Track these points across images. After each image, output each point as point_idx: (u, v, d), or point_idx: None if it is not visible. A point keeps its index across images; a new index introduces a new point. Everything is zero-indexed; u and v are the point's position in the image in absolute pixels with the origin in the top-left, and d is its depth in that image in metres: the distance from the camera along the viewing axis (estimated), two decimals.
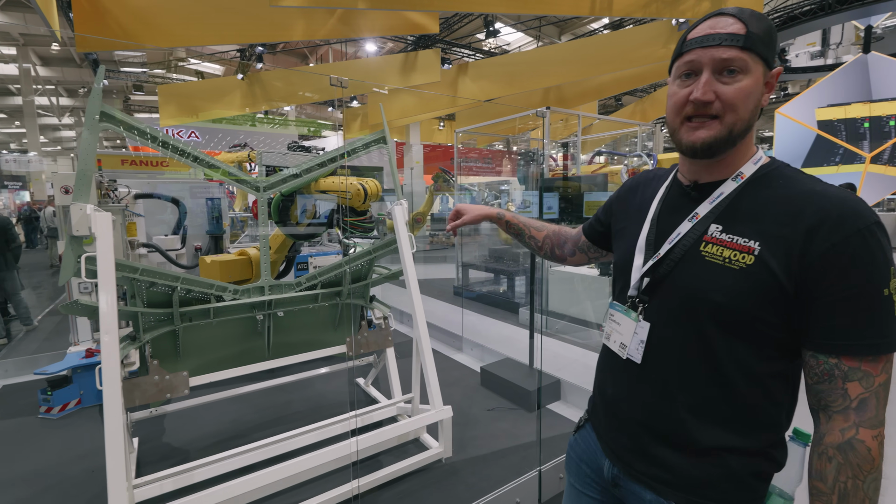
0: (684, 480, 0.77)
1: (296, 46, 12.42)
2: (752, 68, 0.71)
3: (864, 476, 0.65)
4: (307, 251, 4.50)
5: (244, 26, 6.20)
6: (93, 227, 1.81)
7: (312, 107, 14.85)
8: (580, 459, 0.99)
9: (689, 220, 0.79)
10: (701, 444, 0.76)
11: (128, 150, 12.26)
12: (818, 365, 0.69)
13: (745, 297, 0.70)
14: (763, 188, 0.74)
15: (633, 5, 6.07)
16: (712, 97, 0.71)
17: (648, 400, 0.81)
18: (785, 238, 0.68)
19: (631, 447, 0.84)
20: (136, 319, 2.22)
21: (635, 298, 0.84)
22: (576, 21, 11.60)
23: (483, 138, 12.72)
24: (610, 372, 0.91)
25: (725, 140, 0.73)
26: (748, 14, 0.71)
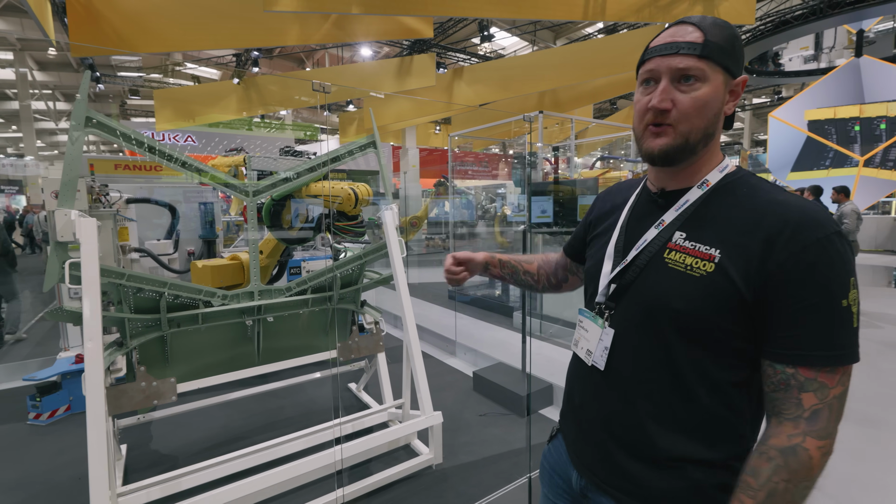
0: (649, 492, 0.76)
1: (292, 51, 12.46)
2: (711, 77, 0.71)
3: (797, 482, 0.65)
4: (300, 255, 4.49)
5: (238, 31, 6.21)
6: (77, 233, 1.80)
7: (309, 111, 14.87)
8: (553, 470, 0.98)
9: (656, 227, 0.80)
10: (664, 454, 0.75)
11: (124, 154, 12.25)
12: (775, 374, 0.68)
13: (704, 304, 0.70)
14: (727, 196, 0.75)
15: (625, 10, 6.10)
16: (669, 105, 0.72)
17: (612, 407, 0.81)
18: (745, 246, 0.68)
19: (596, 457, 0.84)
20: (122, 325, 2.20)
21: (602, 305, 0.84)
22: (570, 25, 11.67)
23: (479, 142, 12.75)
24: (577, 379, 0.91)
25: (682, 148, 0.74)
26: (709, 23, 0.72)
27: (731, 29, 0.73)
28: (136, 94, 11.33)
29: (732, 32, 0.73)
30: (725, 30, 0.72)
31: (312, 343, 2.89)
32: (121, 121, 13.10)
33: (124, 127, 2.08)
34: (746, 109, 18.76)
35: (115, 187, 3.94)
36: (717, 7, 6.24)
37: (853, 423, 2.91)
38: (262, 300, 2.55)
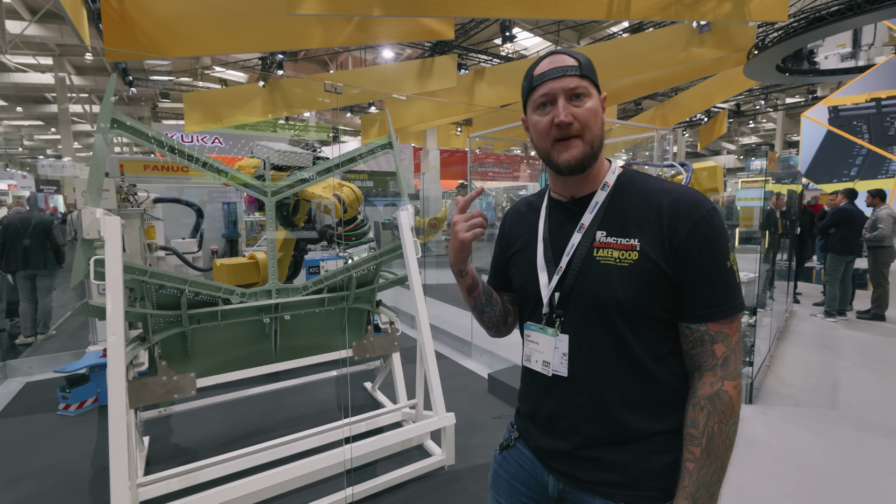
0: (632, 477, 0.82)
1: (316, 54, 12.66)
2: (591, 92, 0.83)
3: (726, 420, 0.76)
4: (319, 255, 4.56)
5: (263, 35, 6.34)
6: (102, 231, 1.86)
7: (331, 113, 15.09)
8: (513, 479, 0.98)
9: (579, 231, 0.87)
10: (642, 434, 0.82)
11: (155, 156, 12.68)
12: (692, 333, 0.80)
13: (640, 287, 0.79)
14: (625, 193, 0.85)
15: (651, 9, 5.96)
16: (572, 118, 0.81)
17: (584, 408, 0.85)
18: (654, 231, 0.79)
19: (575, 459, 0.87)
20: (145, 321, 2.27)
21: (550, 314, 0.88)
22: (595, 25, 11.49)
23: (500, 144, 12.69)
24: (538, 392, 0.92)
25: (590, 155, 0.84)
26: (574, 52, 0.85)
27: (579, 55, 0.85)
28: (166, 97, 11.71)
29: (584, 57, 0.85)
30: (583, 55, 0.85)
31: (328, 342, 2.92)
32: (152, 123, 13.54)
33: (147, 128, 2.14)
34: (779, 109, 18.08)
35: (143, 187, 4.08)
36: (747, 4, 6.04)
37: (878, 435, 2.77)
38: (280, 298, 2.60)
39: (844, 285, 5.50)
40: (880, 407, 3.15)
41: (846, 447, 2.66)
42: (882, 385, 3.53)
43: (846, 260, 5.37)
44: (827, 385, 3.53)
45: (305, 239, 3.32)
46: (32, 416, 3.05)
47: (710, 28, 7.28)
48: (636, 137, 9.31)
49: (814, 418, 2.99)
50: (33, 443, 2.72)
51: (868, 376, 3.70)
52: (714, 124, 13.30)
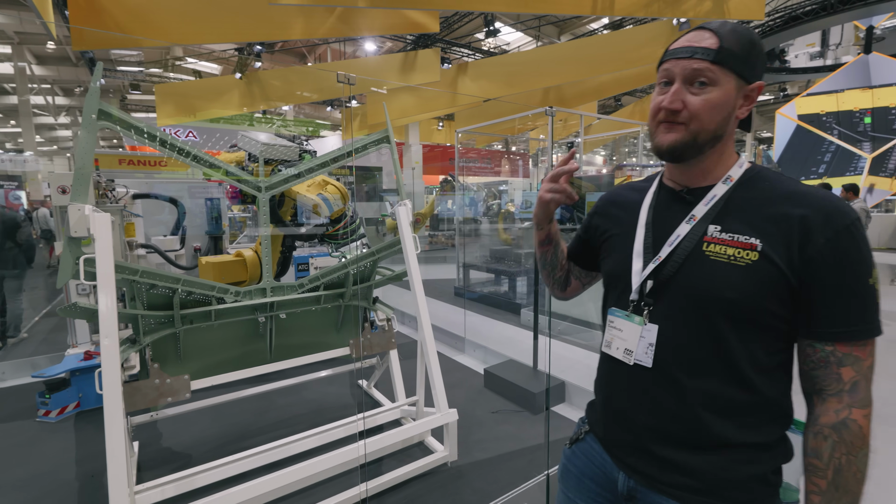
0: (710, 484, 0.77)
1: (294, 46, 12.37)
2: (723, 81, 0.75)
3: (856, 452, 0.70)
4: (307, 252, 4.46)
5: (242, 24, 6.15)
6: (91, 229, 1.77)
7: (311, 107, 14.80)
8: (581, 474, 0.96)
9: (687, 222, 0.81)
10: (722, 442, 0.76)
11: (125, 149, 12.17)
12: (815, 353, 0.74)
13: (755, 291, 0.73)
14: (751, 189, 0.79)
15: (634, 5, 6.04)
16: (679, 106, 0.76)
17: (664, 403, 0.80)
18: (782, 234, 0.73)
19: (649, 457, 0.83)
20: (135, 322, 2.18)
21: (639, 302, 0.84)
22: (575, 21, 11.59)
23: (482, 139, 12.69)
24: (616, 382, 0.89)
25: (689, 145, 0.78)
26: (727, 29, 0.75)
27: (750, 35, 0.76)
28: (136, 88, 11.26)
29: (751, 39, 0.76)
30: (743, 36, 0.75)
31: (324, 340, 2.87)
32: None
33: (136, 120, 2.04)
34: None
35: (121, 182, 3.91)
36: (726, 3, 6.19)
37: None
38: (275, 297, 2.53)
39: None
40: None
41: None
42: None
43: None
44: None
45: (295, 235, 3.24)
46: (10, 423, 2.90)
47: (689, 25, 7.44)
48: (615, 133, 9.47)
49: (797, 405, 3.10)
50: (13, 451, 2.59)
51: None
52: None
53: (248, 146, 2.81)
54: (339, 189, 3.09)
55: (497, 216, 8.68)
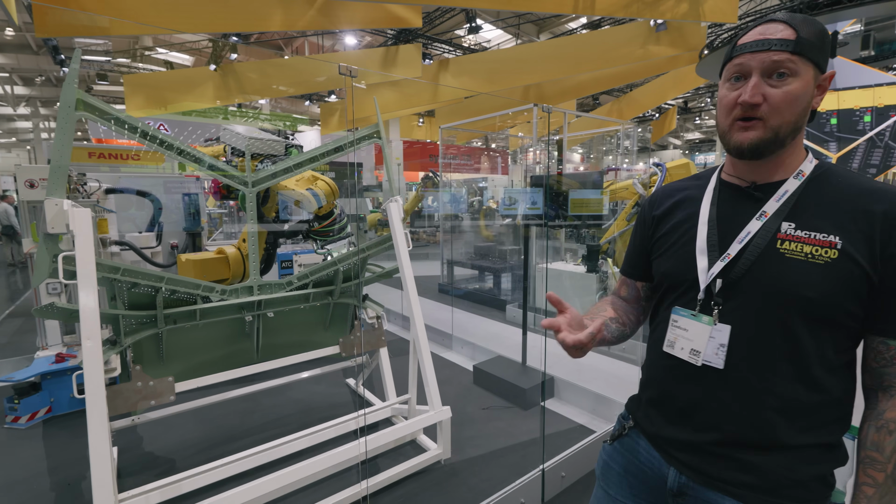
0: (771, 483, 0.76)
1: (271, 38, 12.07)
2: (802, 72, 0.73)
3: None
4: (290, 249, 4.37)
5: (218, 14, 5.96)
6: (71, 225, 1.67)
7: (288, 101, 14.48)
8: (624, 471, 0.95)
9: (758, 219, 0.79)
10: (790, 444, 0.75)
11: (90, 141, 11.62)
12: (888, 350, 0.73)
13: (835, 290, 0.72)
14: (823, 185, 0.77)
15: (614, 5, 6.13)
16: (760, 99, 0.74)
17: (731, 406, 0.79)
18: (863, 231, 0.71)
19: (707, 454, 0.82)
20: (116, 322, 2.08)
21: (707, 301, 0.82)
22: (554, 20, 11.69)
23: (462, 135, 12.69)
24: (677, 380, 0.86)
25: (772, 141, 0.76)
26: (799, 20, 0.74)
27: (820, 25, 0.75)
28: (104, 79, 10.78)
29: (821, 28, 0.75)
30: (815, 25, 0.74)
31: (313, 339, 2.81)
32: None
33: (117, 111, 1.95)
34: None
35: (92, 177, 3.74)
36: (702, 5, 6.35)
37: None
38: (262, 295, 2.46)
39: None
40: None
41: None
42: None
43: None
44: None
45: (280, 232, 3.16)
46: None
47: (666, 27, 7.59)
48: (592, 132, 9.60)
49: None
50: None
51: None
52: (665, 120, 13.94)
53: (233, 140, 2.72)
54: (330, 185, 3.03)
55: (479, 213, 8.70)
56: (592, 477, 2.32)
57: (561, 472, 2.21)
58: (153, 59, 12.05)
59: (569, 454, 2.24)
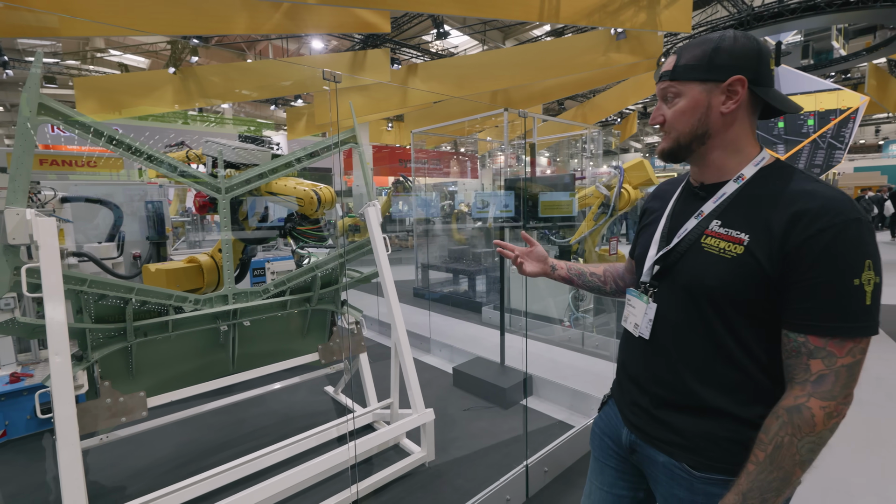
0: (691, 441, 0.87)
1: (233, 41, 11.76)
2: (685, 91, 0.87)
3: (800, 436, 0.74)
4: (263, 256, 4.27)
5: (178, 15, 5.77)
6: (35, 235, 1.59)
7: (252, 105, 14.12)
8: (603, 433, 1.11)
9: (695, 218, 0.90)
10: (704, 405, 0.86)
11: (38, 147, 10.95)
12: (789, 342, 0.78)
13: (733, 281, 0.80)
14: (760, 187, 0.84)
15: (578, 14, 6.33)
16: (661, 120, 0.92)
17: (659, 370, 0.93)
18: (769, 230, 0.77)
19: (646, 414, 0.96)
20: (82, 337, 1.98)
21: (647, 284, 0.97)
22: (519, 27, 11.94)
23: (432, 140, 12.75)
24: (628, 350, 1.04)
25: (675, 148, 0.91)
26: (686, 47, 0.89)
27: (714, 44, 0.85)
28: (52, 81, 10.19)
29: (713, 48, 0.85)
30: (703, 47, 0.86)
31: (291, 347, 2.76)
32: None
33: (82, 115, 1.86)
34: None
35: (46, 184, 3.54)
36: (658, 15, 6.65)
37: None
38: (238, 303, 2.40)
39: None
40: None
41: None
42: None
43: None
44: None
45: (255, 240, 3.08)
46: None
47: (625, 36, 7.91)
48: (560, 136, 9.86)
49: None
50: None
51: None
52: (626, 124, 14.48)
53: (215, 151, 2.62)
54: (331, 193, 2.98)
55: (450, 216, 8.75)
56: (574, 471, 2.38)
57: (544, 467, 2.26)
58: (106, 62, 11.50)
59: (550, 449, 2.30)
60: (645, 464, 0.98)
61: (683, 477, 0.88)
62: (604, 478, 1.10)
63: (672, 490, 0.91)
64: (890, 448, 2.55)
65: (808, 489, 2.23)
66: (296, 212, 2.89)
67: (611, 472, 1.08)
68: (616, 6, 6.32)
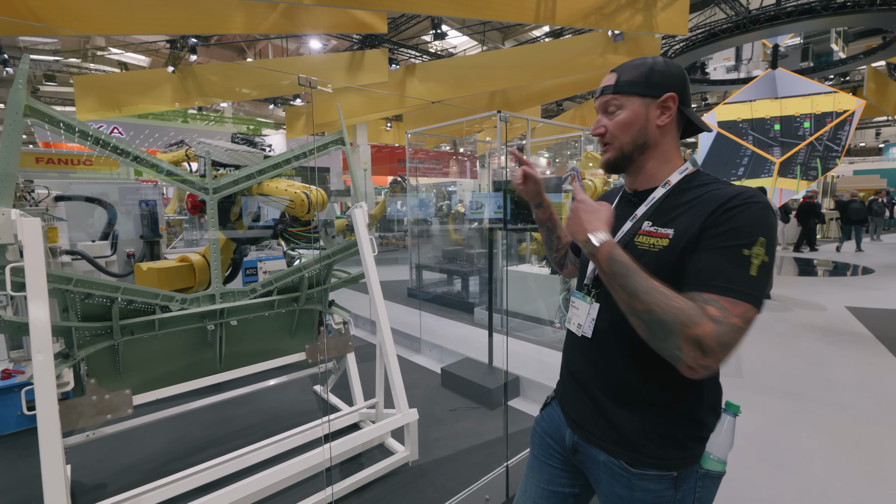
0: (630, 437, 0.92)
1: (233, 40, 11.79)
2: (626, 105, 0.94)
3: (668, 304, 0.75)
4: (256, 255, 4.30)
5: (176, 15, 5.79)
6: (19, 235, 1.62)
7: (251, 104, 14.16)
8: (545, 433, 1.14)
9: (630, 220, 0.98)
10: (642, 401, 0.92)
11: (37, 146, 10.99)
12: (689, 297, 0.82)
13: (658, 269, 0.83)
14: (685, 192, 0.93)
15: (574, 16, 6.35)
16: (602, 131, 0.98)
17: (601, 368, 0.98)
18: (691, 225, 0.85)
19: (588, 413, 1.00)
20: (69, 335, 2.01)
21: (589, 285, 1.03)
22: (518, 28, 11.97)
23: (431, 140, 12.77)
24: (571, 351, 1.08)
25: (619, 158, 0.97)
26: (624, 66, 0.97)
27: (649, 65, 0.94)
28: (52, 80, 10.23)
29: (649, 68, 0.93)
30: (640, 68, 0.94)
31: (278, 346, 2.78)
32: None
33: (68, 117, 1.89)
34: None
35: (40, 183, 3.57)
36: (655, 18, 6.67)
37: (778, 396, 3.26)
38: (225, 303, 2.43)
39: None
40: (775, 373, 3.70)
41: (753, 408, 3.09)
42: (774, 354, 4.13)
43: None
44: (732, 357, 4.05)
45: (247, 239, 3.11)
46: None
47: (623, 38, 7.93)
48: (557, 138, 9.88)
49: (725, 386, 3.41)
50: None
51: (763, 347, 4.31)
52: None
53: (211, 153, 2.64)
54: (323, 196, 3.00)
55: (447, 217, 8.77)
56: None
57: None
58: (106, 60, 11.55)
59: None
60: (587, 464, 1.02)
61: (622, 475, 0.93)
62: (541, 475, 1.13)
63: (612, 488, 0.95)
64: (870, 452, 2.57)
65: (785, 491, 2.26)
66: (287, 213, 2.92)
67: (550, 469, 1.11)
68: (612, 8, 6.33)
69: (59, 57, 10.51)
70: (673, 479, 0.90)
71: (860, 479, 2.33)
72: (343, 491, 2.14)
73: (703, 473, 0.92)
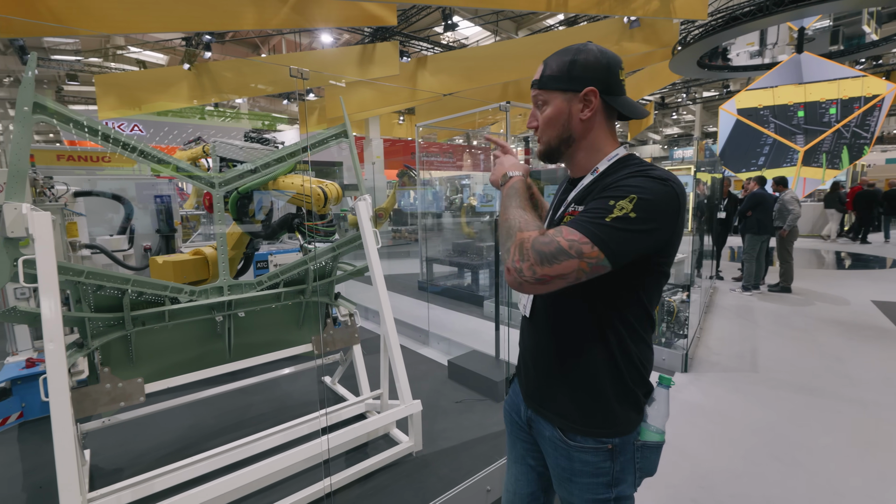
0: (565, 410, 0.99)
1: (246, 36, 11.92)
2: (551, 100, 0.98)
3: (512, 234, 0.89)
4: (266, 249, 4.37)
5: (189, 13, 5.88)
6: (31, 228, 1.68)
7: (266, 100, 14.33)
8: (511, 409, 1.21)
9: (565, 205, 1.04)
10: (568, 373, 0.99)
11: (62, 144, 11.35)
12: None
13: None
14: (608, 176, 0.96)
15: (587, 2, 6.22)
16: (535, 125, 1.02)
17: (538, 344, 1.06)
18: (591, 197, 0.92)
19: (532, 385, 1.08)
20: (82, 325, 2.08)
21: None
22: (532, 17, 11.77)
23: (443, 133, 12.72)
24: (522, 329, 1.17)
25: (548, 150, 1.02)
26: (550, 58, 0.98)
27: (571, 56, 0.95)
28: (74, 79, 10.51)
29: (570, 61, 0.95)
30: (563, 58, 0.96)
31: (285, 337, 2.83)
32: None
33: (76, 113, 1.94)
34: (697, 102, 19.63)
35: (60, 179, 3.68)
36: (672, 2, 6.47)
37: (794, 392, 3.18)
38: (233, 295, 2.48)
39: (759, 262, 6.16)
40: (791, 368, 3.60)
41: (766, 404, 3.02)
42: (791, 349, 4.02)
43: (762, 239, 6.00)
44: (748, 352, 3.96)
45: (260, 234, 3.16)
46: None
47: (639, 24, 7.73)
48: None
49: (739, 381, 3.36)
50: None
51: (780, 342, 4.20)
52: None
53: (229, 152, 2.70)
54: (338, 190, 3.03)
55: (459, 210, 8.75)
56: None
57: None
58: (125, 59, 11.81)
59: None
60: (539, 438, 1.08)
61: (562, 447, 1.00)
62: (516, 452, 1.20)
63: (557, 461, 1.02)
64: (889, 450, 2.49)
65: (796, 489, 2.20)
66: (304, 208, 2.95)
67: (521, 444, 1.18)
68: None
69: (80, 57, 10.78)
70: (608, 451, 0.95)
71: (876, 479, 2.26)
72: (347, 479, 2.17)
73: (640, 445, 0.97)
